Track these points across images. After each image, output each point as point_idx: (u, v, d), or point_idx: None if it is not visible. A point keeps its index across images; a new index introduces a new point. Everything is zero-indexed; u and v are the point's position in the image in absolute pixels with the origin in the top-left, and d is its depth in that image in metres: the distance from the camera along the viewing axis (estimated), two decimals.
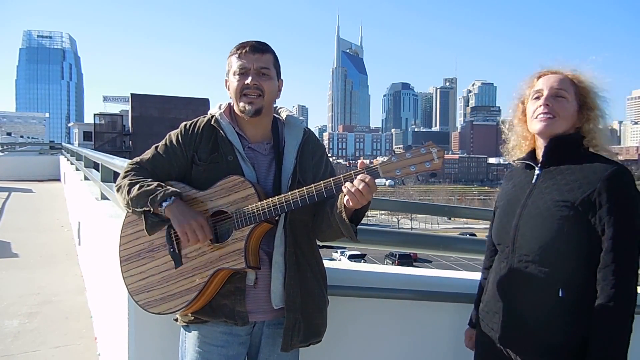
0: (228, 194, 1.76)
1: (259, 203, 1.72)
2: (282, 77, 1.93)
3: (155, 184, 1.78)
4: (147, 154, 1.92)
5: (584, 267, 1.63)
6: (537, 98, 1.77)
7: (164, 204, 1.72)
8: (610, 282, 1.56)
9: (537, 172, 1.78)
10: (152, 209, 1.74)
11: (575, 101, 1.74)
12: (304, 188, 1.68)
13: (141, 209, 1.76)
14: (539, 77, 1.81)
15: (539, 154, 1.79)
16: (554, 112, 1.72)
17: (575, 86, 1.75)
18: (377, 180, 1.63)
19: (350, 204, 1.62)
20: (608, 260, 1.57)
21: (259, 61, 1.82)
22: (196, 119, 1.95)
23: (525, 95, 1.85)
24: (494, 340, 1.81)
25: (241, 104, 1.83)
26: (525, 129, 1.86)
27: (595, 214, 1.59)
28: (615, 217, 1.57)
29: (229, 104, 1.95)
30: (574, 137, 1.73)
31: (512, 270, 1.75)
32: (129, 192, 1.79)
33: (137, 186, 1.78)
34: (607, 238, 1.58)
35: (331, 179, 1.66)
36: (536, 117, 1.74)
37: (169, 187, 1.77)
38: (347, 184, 1.60)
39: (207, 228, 1.73)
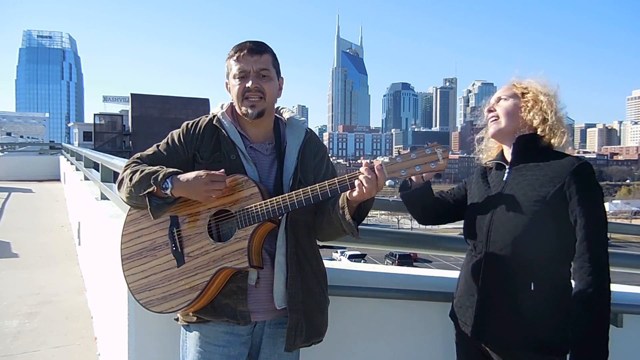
0: (231, 193, 1.76)
1: (263, 202, 1.71)
2: (282, 76, 1.93)
3: (157, 166, 1.79)
4: (149, 151, 1.92)
5: (555, 259, 1.73)
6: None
7: (167, 184, 1.72)
8: (587, 269, 1.64)
9: (507, 170, 1.88)
10: (155, 188, 1.73)
11: (514, 99, 1.90)
12: (308, 188, 1.68)
13: (145, 192, 1.75)
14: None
15: (507, 154, 1.92)
16: (495, 114, 1.92)
17: (515, 87, 1.93)
18: None
19: (355, 194, 1.63)
20: (583, 249, 1.66)
21: (258, 63, 1.82)
22: (198, 119, 1.95)
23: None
24: (467, 334, 1.86)
25: (243, 107, 1.84)
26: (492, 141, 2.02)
27: (567, 206, 1.69)
28: (585, 208, 1.67)
29: (231, 103, 1.95)
30: (535, 135, 1.86)
31: (486, 265, 1.80)
32: (131, 179, 1.78)
33: (139, 171, 1.79)
34: (580, 227, 1.67)
35: (335, 179, 1.67)
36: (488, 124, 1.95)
37: (170, 168, 1.77)
38: (355, 173, 1.63)
39: (214, 174, 1.70)
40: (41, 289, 5.40)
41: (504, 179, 1.87)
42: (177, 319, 1.92)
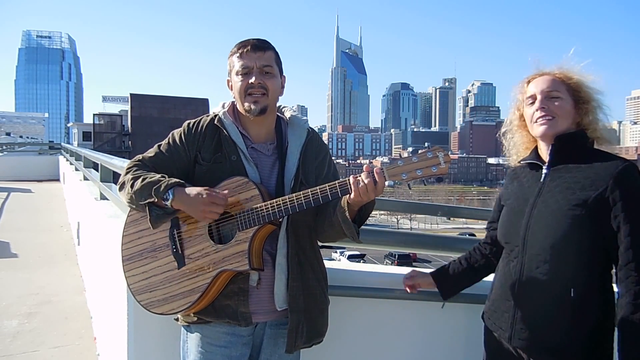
0: (232, 195, 1.75)
1: (264, 204, 1.70)
2: (284, 74, 1.92)
3: (159, 175, 1.77)
4: (150, 152, 1.91)
5: (592, 266, 1.64)
6: (532, 103, 1.80)
7: (168, 196, 1.70)
8: (634, 278, 1.55)
9: (544, 171, 1.78)
10: (156, 199, 1.73)
11: (569, 98, 1.76)
12: (309, 190, 1.67)
13: (145, 201, 1.74)
14: (529, 82, 1.84)
15: (543, 153, 1.81)
16: (551, 112, 1.74)
17: (566, 84, 1.77)
18: None
19: (352, 196, 1.62)
20: (629, 257, 1.56)
21: (261, 59, 1.82)
22: (200, 118, 1.94)
23: (519, 102, 1.89)
24: (503, 339, 1.80)
25: (246, 104, 1.82)
26: (524, 135, 1.90)
27: (610, 211, 1.59)
28: (631, 214, 1.57)
29: (233, 103, 1.94)
30: (577, 134, 1.75)
31: (524, 270, 1.73)
32: (132, 185, 1.77)
33: (141, 179, 1.77)
34: (625, 235, 1.57)
35: (336, 182, 1.66)
36: (536, 122, 1.77)
37: (172, 178, 1.75)
38: (356, 176, 1.61)
39: (216, 196, 1.69)
40: (40, 289, 5.40)
41: (541, 180, 1.77)
42: (177, 320, 1.92)
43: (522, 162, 1.89)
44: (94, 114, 55.03)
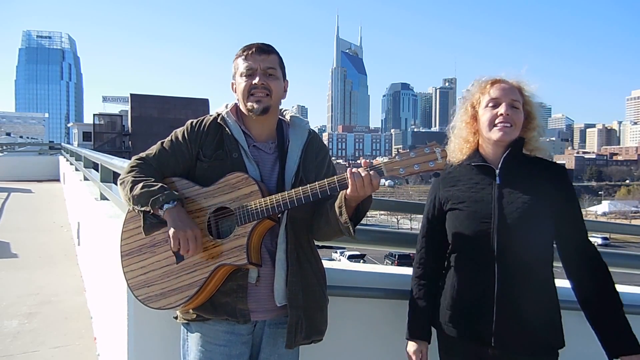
0: (231, 191, 1.77)
1: (262, 200, 1.73)
2: (287, 78, 1.95)
3: (159, 185, 1.77)
4: (153, 150, 1.92)
5: (550, 259, 1.84)
6: (494, 107, 1.86)
7: (165, 207, 1.73)
8: (591, 257, 1.85)
9: (497, 174, 1.86)
10: (151, 210, 1.75)
11: (522, 111, 1.88)
12: (308, 186, 1.69)
13: (141, 208, 1.76)
14: (492, 84, 1.90)
15: (489, 156, 1.90)
16: (512, 121, 1.84)
17: (522, 96, 1.89)
18: None
19: (349, 190, 1.64)
20: (582, 242, 1.86)
21: (266, 62, 1.85)
22: (202, 117, 1.97)
23: (475, 100, 1.93)
24: (472, 345, 1.83)
25: (249, 103, 1.85)
26: (470, 132, 1.94)
27: (561, 203, 1.82)
28: (575, 204, 1.87)
29: (236, 104, 1.97)
30: (521, 143, 1.90)
31: (503, 270, 1.77)
32: (131, 189, 1.79)
33: (141, 185, 1.78)
34: (575, 221, 1.85)
35: (335, 177, 1.68)
36: (496, 126, 1.84)
37: (172, 191, 1.77)
38: (352, 169, 1.63)
39: (200, 241, 1.74)
40: (41, 289, 5.41)
41: (497, 182, 1.84)
42: (176, 317, 1.93)
43: (470, 164, 1.91)
44: (94, 114, 55.16)
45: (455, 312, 1.87)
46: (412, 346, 1.98)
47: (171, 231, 1.72)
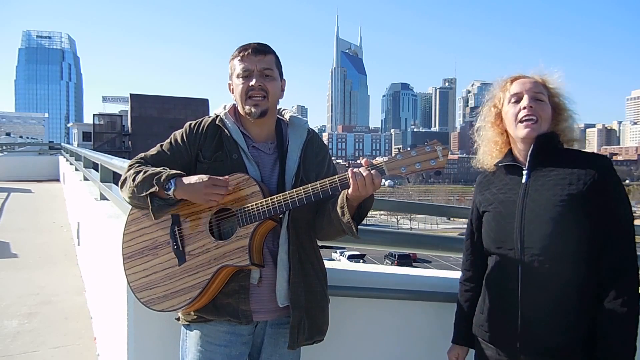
0: (232, 191, 1.77)
1: (264, 200, 1.72)
2: (284, 77, 1.95)
3: (160, 167, 1.80)
4: (152, 151, 1.93)
5: (586, 260, 1.65)
6: (516, 102, 1.81)
7: (170, 185, 1.74)
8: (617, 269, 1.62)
9: (525, 172, 1.79)
10: (158, 189, 1.74)
11: (549, 103, 1.81)
12: (309, 185, 1.69)
13: (147, 192, 1.76)
14: (512, 80, 1.86)
15: (520, 155, 1.83)
16: (537, 114, 1.77)
17: (548, 89, 1.82)
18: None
19: (350, 190, 1.63)
20: (615, 259, 1.63)
21: (262, 63, 1.84)
22: (201, 119, 1.97)
23: (497, 99, 1.89)
24: (503, 352, 1.78)
25: (247, 107, 1.85)
26: (497, 133, 1.90)
27: (599, 202, 1.64)
28: (618, 204, 1.66)
29: (234, 104, 1.96)
30: (553, 135, 1.79)
31: (526, 271, 1.71)
32: (134, 179, 1.80)
33: (142, 172, 1.80)
34: (613, 227, 1.64)
35: (336, 176, 1.68)
36: (521, 122, 1.78)
37: (173, 170, 1.78)
38: (353, 169, 1.63)
39: (216, 178, 1.74)
40: (40, 289, 5.40)
41: (524, 181, 1.77)
42: (178, 319, 1.93)
43: (499, 165, 1.87)
44: (94, 114, 55.16)
45: (484, 316, 1.85)
46: (452, 350, 2.02)
47: (196, 198, 1.74)
